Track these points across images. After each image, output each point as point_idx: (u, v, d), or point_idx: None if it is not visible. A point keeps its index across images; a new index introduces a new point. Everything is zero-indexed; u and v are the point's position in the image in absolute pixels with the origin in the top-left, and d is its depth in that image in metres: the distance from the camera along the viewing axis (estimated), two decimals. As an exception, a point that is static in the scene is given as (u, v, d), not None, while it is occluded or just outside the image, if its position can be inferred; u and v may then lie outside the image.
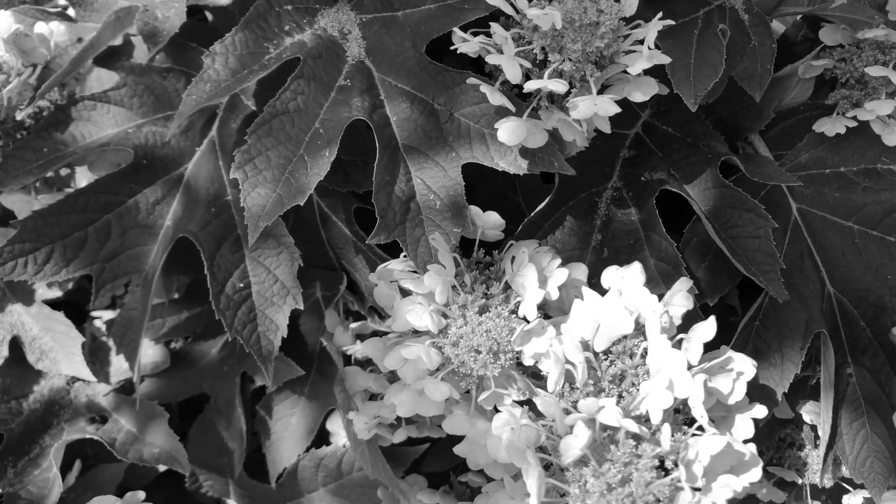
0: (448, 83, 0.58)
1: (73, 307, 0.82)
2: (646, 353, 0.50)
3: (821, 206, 0.66)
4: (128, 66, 0.66)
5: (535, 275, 0.51)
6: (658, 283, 0.60)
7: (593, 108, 0.50)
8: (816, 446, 0.71)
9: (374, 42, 0.61)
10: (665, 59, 0.52)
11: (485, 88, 0.53)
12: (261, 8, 0.61)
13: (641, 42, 0.52)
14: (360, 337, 0.69)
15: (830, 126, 0.65)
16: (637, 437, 0.46)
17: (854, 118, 0.64)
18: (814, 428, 0.71)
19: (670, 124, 0.67)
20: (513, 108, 0.53)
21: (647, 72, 0.53)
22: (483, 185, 0.73)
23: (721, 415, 0.53)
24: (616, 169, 0.65)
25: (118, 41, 0.66)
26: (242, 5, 0.64)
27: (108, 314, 0.80)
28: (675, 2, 0.62)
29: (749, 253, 0.60)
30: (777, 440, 0.74)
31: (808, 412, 0.68)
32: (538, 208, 0.62)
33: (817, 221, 0.66)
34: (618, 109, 0.50)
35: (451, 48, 0.56)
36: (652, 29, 0.51)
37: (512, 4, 0.53)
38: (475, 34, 0.55)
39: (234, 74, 0.59)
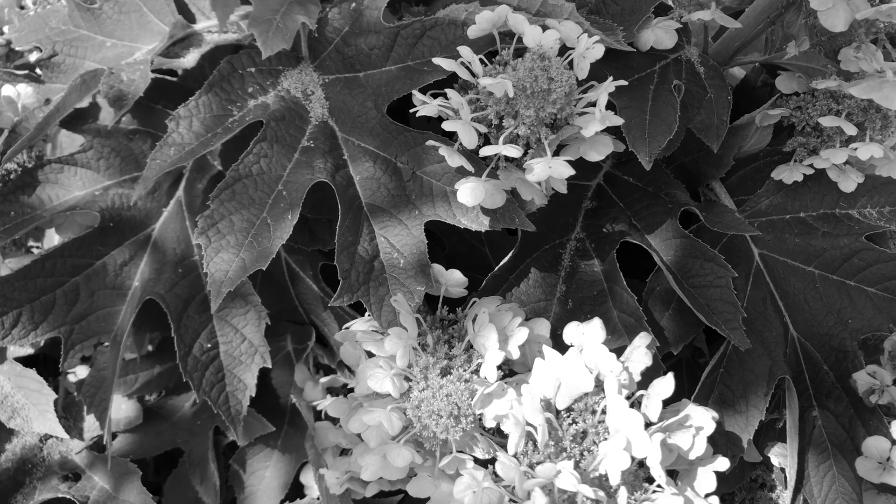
0: (410, 142, 0.59)
1: (48, 360, 0.82)
2: (606, 410, 0.50)
3: (782, 252, 0.67)
4: (94, 129, 0.67)
5: (496, 335, 0.52)
6: (622, 334, 0.61)
7: (548, 171, 0.51)
8: (787, 487, 0.72)
9: (337, 102, 0.62)
10: (617, 121, 0.53)
11: (443, 151, 0.53)
12: (224, 71, 0.62)
13: (595, 104, 0.53)
14: (331, 391, 0.70)
15: (788, 174, 0.66)
16: (596, 501, 0.46)
17: (811, 166, 0.65)
18: (783, 470, 0.71)
19: (631, 174, 0.68)
20: (472, 169, 0.54)
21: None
22: (450, 236, 0.73)
23: (684, 467, 0.54)
24: (579, 220, 0.66)
25: (84, 104, 0.67)
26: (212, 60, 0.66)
27: (82, 369, 0.79)
28: (631, 56, 0.63)
29: (711, 302, 0.61)
30: (749, 481, 0.74)
31: (775, 455, 0.69)
32: (502, 262, 0.63)
33: (779, 267, 0.67)
34: (571, 172, 0.51)
35: (412, 110, 0.57)
36: (603, 92, 0.52)
37: (468, 69, 0.54)
38: (435, 95, 0.56)
39: (199, 138, 0.59)
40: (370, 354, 0.54)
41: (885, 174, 0.64)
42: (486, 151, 0.51)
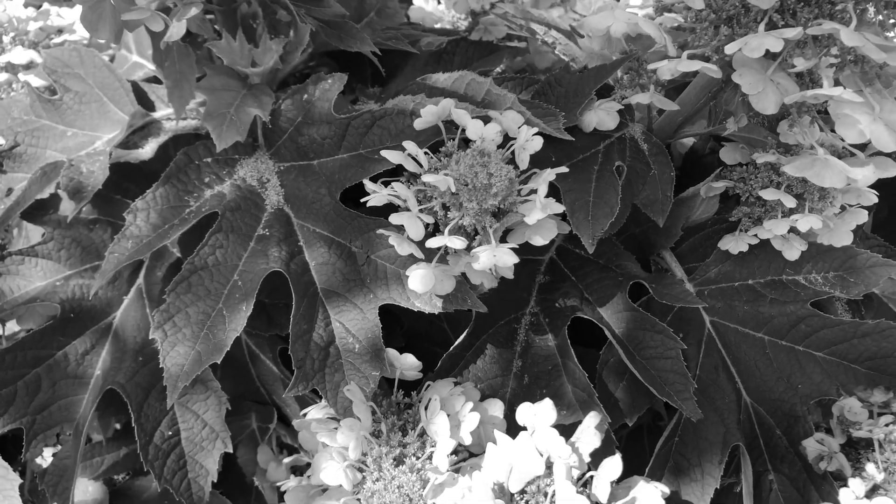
0: (363, 227, 0.61)
1: (16, 440, 0.82)
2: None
3: (732, 319, 0.69)
4: (54, 220, 0.68)
5: (447, 423, 0.53)
6: (576, 409, 0.62)
7: (493, 260, 0.53)
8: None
9: (292, 190, 0.63)
10: (558, 209, 0.54)
11: (393, 240, 0.55)
12: (180, 162, 0.64)
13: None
14: (295, 470, 0.70)
15: (734, 244, 0.68)
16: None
17: (755, 236, 0.67)
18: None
19: (583, 247, 0.69)
20: (422, 256, 0.55)
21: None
22: (408, 314, 0.74)
23: (638, 544, 0.55)
24: (533, 294, 0.68)
25: (45, 195, 0.68)
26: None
27: (49, 452, 0.80)
28: (576, 137, 0.65)
29: (662, 373, 0.63)
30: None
31: (736, 519, 0.70)
32: (457, 341, 0.64)
33: (730, 334, 0.69)
34: (515, 260, 0.53)
35: (363, 199, 0.59)
36: (543, 183, 0.53)
37: (415, 160, 0.56)
38: (386, 183, 0.57)
39: (156, 230, 0.61)
40: (325, 444, 0.55)
41: (826, 242, 0.66)
42: (431, 243, 0.52)
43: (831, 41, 0.57)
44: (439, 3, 0.92)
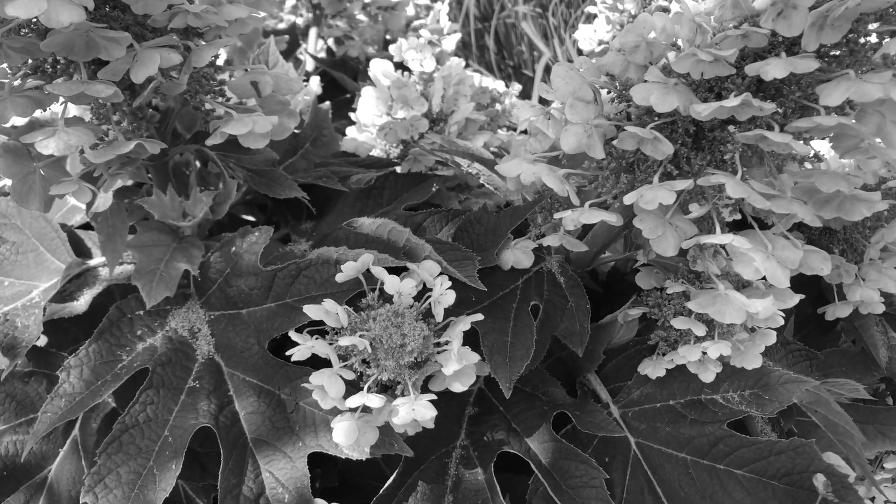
0: (291, 375, 0.63)
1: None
2: None
3: (656, 440, 0.71)
4: (-12, 375, 0.69)
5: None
6: (505, 544, 0.64)
7: (412, 414, 0.55)
8: None
9: (223, 339, 0.65)
10: (474, 358, 0.57)
11: (316, 395, 0.57)
12: (113, 317, 0.65)
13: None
14: None
15: (652, 369, 0.71)
16: None
17: (671, 360, 0.70)
18: None
19: (511, 376, 0.72)
20: (344, 408, 0.57)
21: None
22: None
23: None
24: (463, 427, 0.70)
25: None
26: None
27: None
28: (495, 274, 0.68)
29: (587, 502, 0.65)
30: None
31: None
32: (389, 481, 0.66)
33: (654, 454, 0.71)
34: (433, 414, 0.55)
35: (287, 352, 0.61)
36: (457, 337, 0.56)
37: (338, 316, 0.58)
38: (313, 332, 0.60)
39: (89, 386, 0.62)
40: None
41: (738, 365, 0.70)
42: (350, 403, 0.54)
43: (723, 188, 0.61)
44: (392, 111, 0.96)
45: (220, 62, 0.71)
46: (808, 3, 0.53)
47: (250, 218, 0.96)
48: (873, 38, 0.58)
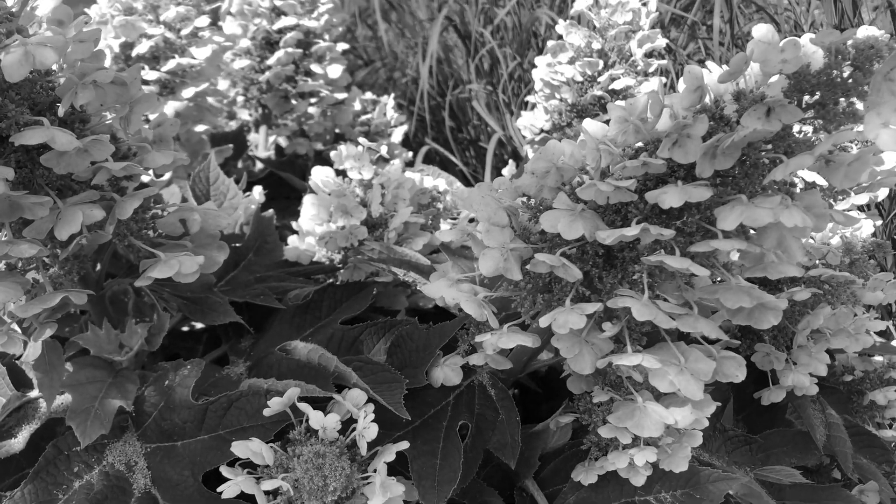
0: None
1: None
2: None
3: (594, 545, 0.73)
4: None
5: None
6: None
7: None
8: None
9: (159, 472, 0.66)
10: (398, 490, 0.59)
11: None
12: (49, 456, 0.66)
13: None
14: None
15: (584, 475, 0.72)
16: None
17: (602, 467, 0.72)
18: None
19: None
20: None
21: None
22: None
23: None
24: (401, 544, 0.71)
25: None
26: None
27: None
28: (426, 392, 0.70)
29: None
30: None
31: None
32: None
33: (592, 560, 0.72)
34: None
35: (218, 489, 0.62)
36: (381, 471, 0.58)
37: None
38: (244, 466, 0.61)
39: (24, 530, 0.63)
40: None
41: (666, 468, 0.72)
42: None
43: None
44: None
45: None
46: (701, 133, 0.56)
47: (199, 326, 0.97)
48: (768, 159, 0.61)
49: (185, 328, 0.92)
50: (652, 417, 0.64)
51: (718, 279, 0.65)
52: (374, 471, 0.59)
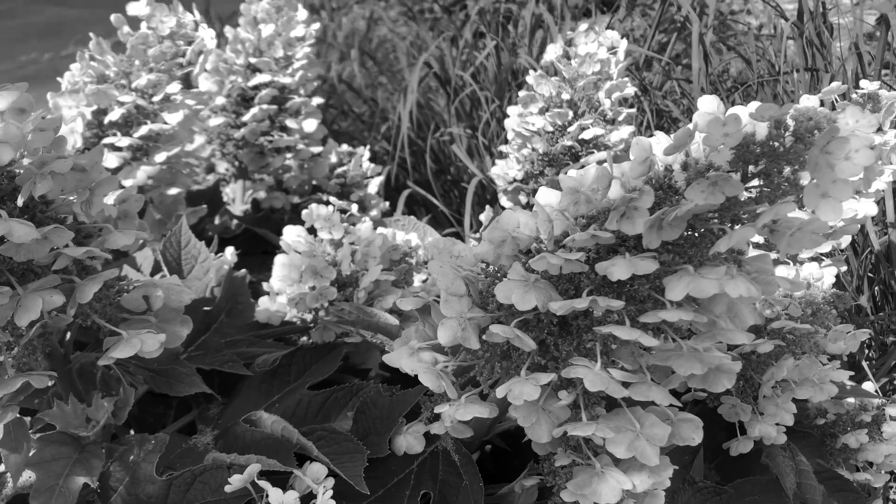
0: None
1: None
2: None
3: None
4: None
5: None
6: None
7: None
8: None
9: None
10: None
11: None
12: (14, 534, 0.67)
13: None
14: None
15: (549, 539, 0.73)
16: None
17: (566, 531, 0.72)
18: None
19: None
20: None
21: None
22: None
23: None
24: None
25: None
26: None
27: None
28: (389, 460, 0.71)
29: None
30: None
31: None
32: None
33: None
34: None
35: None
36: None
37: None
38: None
39: None
40: None
41: (632, 530, 0.72)
42: None
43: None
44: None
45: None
46: (648, 205, 0.58)
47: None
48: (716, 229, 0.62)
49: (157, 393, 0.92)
50: (609, 483, 0.64)
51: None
52: (334, 546, 0.60)
